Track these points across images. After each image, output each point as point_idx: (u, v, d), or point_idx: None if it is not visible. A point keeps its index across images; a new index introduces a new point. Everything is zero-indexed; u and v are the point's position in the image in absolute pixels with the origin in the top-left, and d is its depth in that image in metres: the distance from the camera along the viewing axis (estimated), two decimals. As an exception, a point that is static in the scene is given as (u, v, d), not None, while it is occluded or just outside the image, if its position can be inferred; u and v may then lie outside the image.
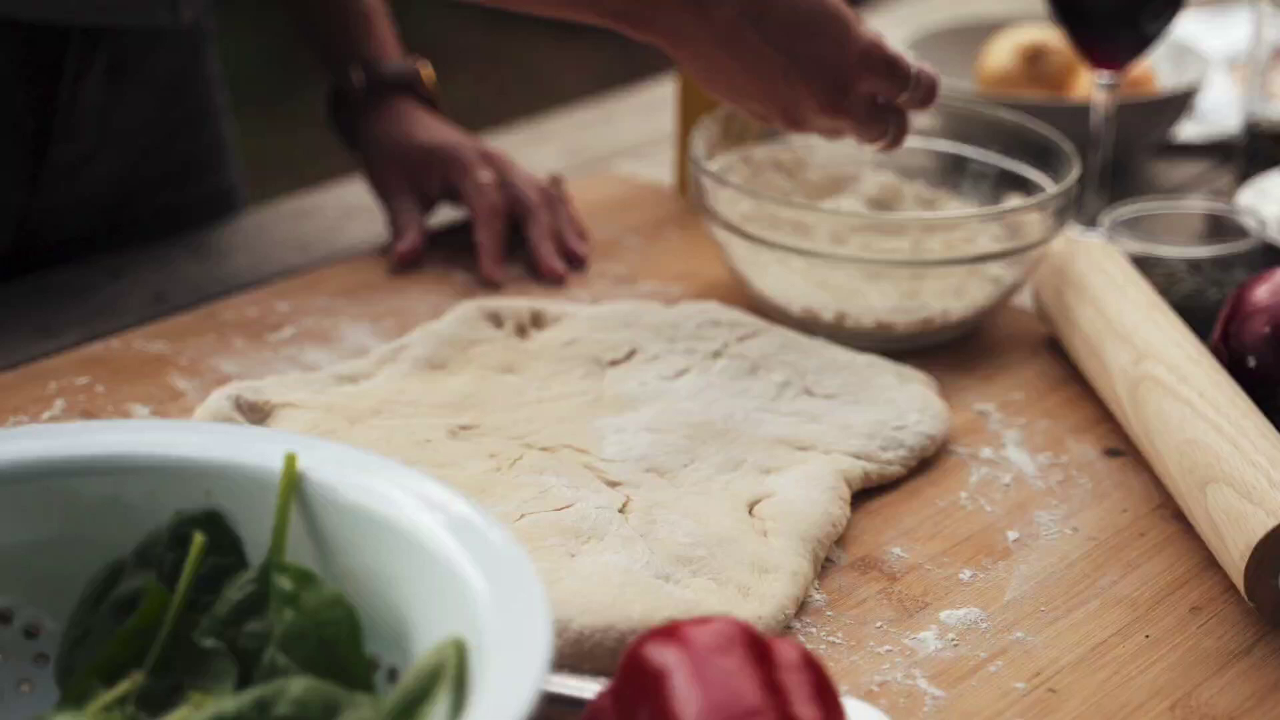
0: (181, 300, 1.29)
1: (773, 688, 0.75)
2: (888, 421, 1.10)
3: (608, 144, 1.61)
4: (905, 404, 1.12)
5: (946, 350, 1.22)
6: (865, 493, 1.06)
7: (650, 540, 0.97)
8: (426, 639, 0.77)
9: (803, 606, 0.96)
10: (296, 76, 3.10)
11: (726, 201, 1.20)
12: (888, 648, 0.94)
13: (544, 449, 1.05)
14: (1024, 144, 1.29)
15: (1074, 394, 1.17)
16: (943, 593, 0.98)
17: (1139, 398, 1.08)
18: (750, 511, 1.01)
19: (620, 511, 0.99)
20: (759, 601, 0.94)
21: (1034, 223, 1.20)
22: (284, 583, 0.80)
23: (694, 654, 0.76)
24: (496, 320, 1.18)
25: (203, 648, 0.80)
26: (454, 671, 0.74)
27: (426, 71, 1.40)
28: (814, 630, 0.95)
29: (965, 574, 0.99)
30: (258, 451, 0.83)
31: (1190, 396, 1.04)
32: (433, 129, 1.37)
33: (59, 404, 1.12)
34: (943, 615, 0.96)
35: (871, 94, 1.15)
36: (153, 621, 0.81)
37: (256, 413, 1.07)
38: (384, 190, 1.36)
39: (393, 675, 0.80)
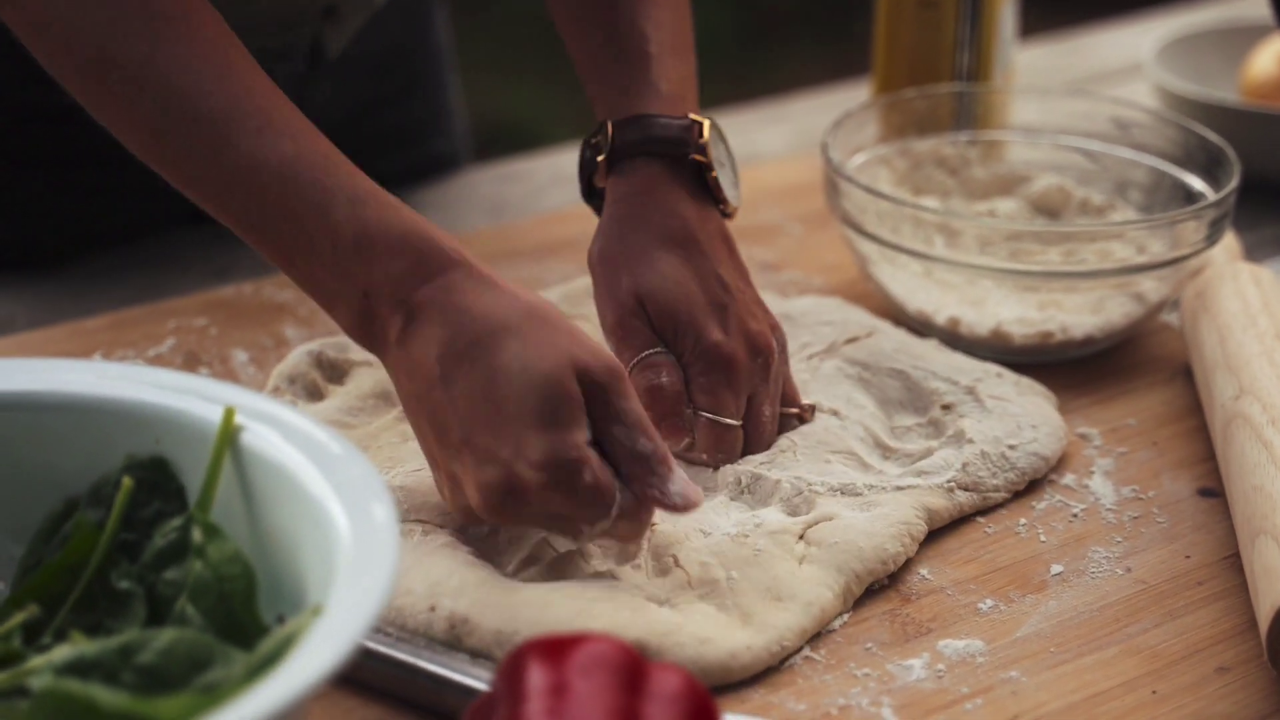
0: (360, 253, 1.31)
1: (628, 716, 0.73)
2: (1002, 439, 1.03)
3: (838, 128, 1.57)
4: (1023, 418, 1.05)
5: (1075, 366, 1.15)
6: (918, 507, 1.01)
7: (663, 561, 0.93)
8: (312, 603, 0.77)
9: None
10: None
11: (846, 192, 1.15)
12: (866, 671, 0.89)
13: (602, 441, 1.03)
14: (1200, 154, 1.20)
15: (1192, 426, 1.09)
16: (951, 621, 0.93)
17: (1229, 436, 1.00)
18: (803, 534, 0.96)
19: None
20: (756, 630, 0.89)
21: (1187, 237, 1.12)
22: (196, 534, 0.81)
23: (560, 672, 0.74)
24: (602, 299, 1.16)
25: (119, 589, 0.82)
26: (303, 639, 0.73)
27: (704, 128, 1.06)
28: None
29: (985, 604, 0.94)
30: (206, 403, 0.84)
31: (1272, 439, 0.96)
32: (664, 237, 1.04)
33: (169, 343, 1.16)
34: (940, 644, 0.91)
35: (553, 510, 0.89)
36: (81, 559, 0.83)
37: (335, 370, 1.09)
38: (603, 324, 1.05)
39: (294, 637, 0.80)
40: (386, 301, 0.91)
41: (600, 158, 1.06)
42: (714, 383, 1.01)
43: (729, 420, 1.01)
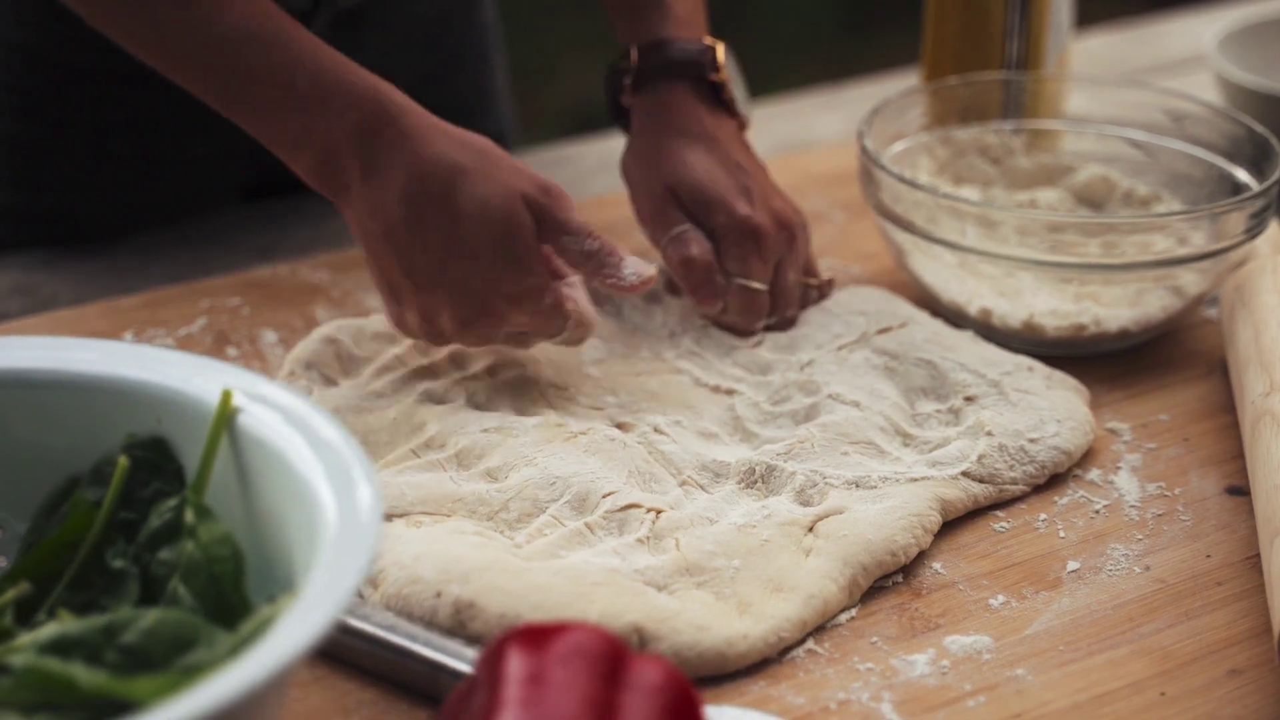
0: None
1: (604, 706, 0.72)
2: (1023, 432, 1.02)
3: (895, 116, 1.55)
4: (1047, 412, 1.04)
5: (1111, 360, 1.13)
6: (937, 501, 1.00)
7: (664, 543, 0.93)
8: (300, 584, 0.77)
9: (804, 614, 0.91)
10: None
11: (881, 182, 1.14)
12: (870, 665, 0.88)
13: (620, 425, 1.02)
14: (1247, 146, 1.18)
15: (1226, 423, 1.07)
16: (961, 616, 0.91)
17: (1257, 433, 0.97)
18: (812, 526, 0.95)
19: (649, 510, 0.95)
20: (754, 619, 0.89)
21: (1229, 229, 1.10)
22: (189, 515, 0.81)
23: (539, 660, 0.73)
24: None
25: (113, 568, 0.82)
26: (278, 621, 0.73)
27: (718, 52, 1.19)
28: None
29: (997, 600, 0.92)
30: (207, 384, 0.84)
31: (1297, 438, 0.94)
32: (684, 146, 1.15)
33: (200, 322, 1.16)
34: (947, 640, 0.89)
35: (519, 329, 1.04)
36: (78, 537, 0.83)
37: (351, 356, 1.08)
38: (639, 215, 1.17)
39: (284, 620, 0.80)
40: (346, 150, 1.01)
41: (627, 80, 1.17)
42: (745, 251, 1.11)
43: (757, 285, 1.11)
